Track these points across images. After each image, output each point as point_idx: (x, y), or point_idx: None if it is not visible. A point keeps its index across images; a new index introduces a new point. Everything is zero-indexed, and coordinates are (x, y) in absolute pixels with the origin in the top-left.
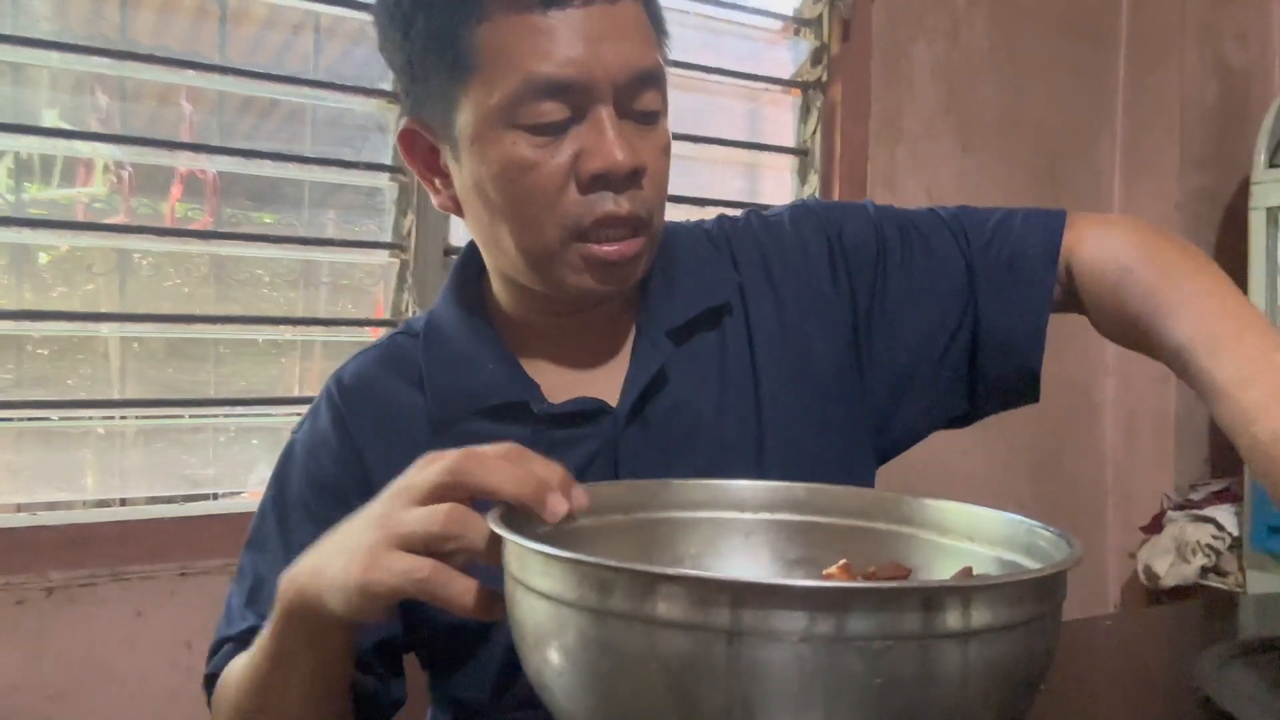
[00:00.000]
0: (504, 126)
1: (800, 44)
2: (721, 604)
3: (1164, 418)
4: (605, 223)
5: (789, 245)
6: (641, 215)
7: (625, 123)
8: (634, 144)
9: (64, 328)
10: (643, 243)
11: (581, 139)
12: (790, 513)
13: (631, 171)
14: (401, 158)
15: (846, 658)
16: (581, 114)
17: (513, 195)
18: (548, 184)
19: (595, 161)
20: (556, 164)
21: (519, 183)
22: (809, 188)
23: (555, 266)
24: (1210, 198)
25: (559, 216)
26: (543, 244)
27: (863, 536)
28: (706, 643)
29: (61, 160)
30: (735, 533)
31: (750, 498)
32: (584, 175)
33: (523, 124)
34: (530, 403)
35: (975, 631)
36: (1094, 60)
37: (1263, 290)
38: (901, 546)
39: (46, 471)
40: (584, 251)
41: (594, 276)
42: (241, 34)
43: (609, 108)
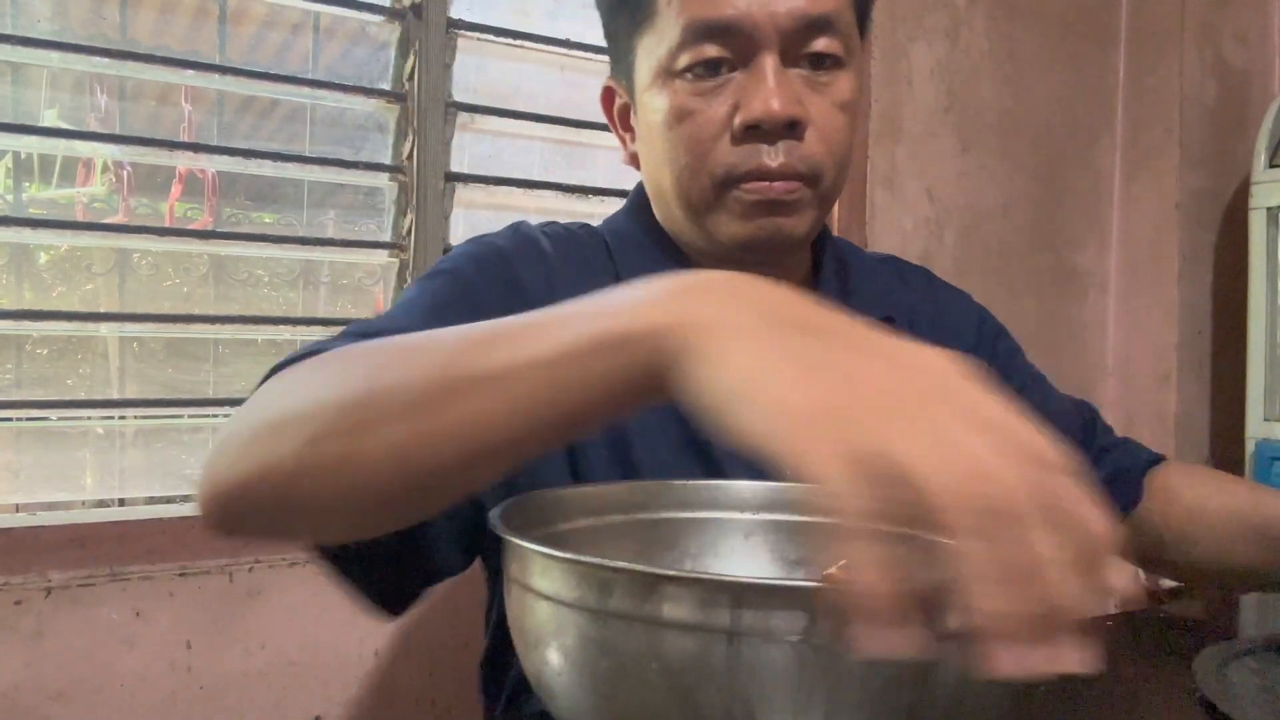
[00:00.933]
0: (670, 74)
1: None
2: (721, 605)
3: (1164, 418)
4: (756, 175)
5: (959, 310)
6: (800, 170)
7: (795, 72)
8: (801, 95)
9: (63, 327)
10: (803, 190)
11: (741, 87)
12: (790, 513)
13: (789, 123)
14: (603, 114)
15: (847, 658)
16: (745, 61)
17: (674, 142)
18: (703, 132)
19: (747, 111)
20: (714, 112)
21: (677, 130)
22: None
23: (712, 216)
24: (1210, 198)
25: (712, 166)
26: (698, 193)
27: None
28: (706, 643)
29: (61, 160)
30: (736, 533)
31: (750, 498)
32: (737, 125)
33: (686, 71)
34: None
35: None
36: (1094, 60)
37: (1263, 290)
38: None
39: (46, 471)
40: (738, 194)
41: (747, 219)
42: (241, 34)
43: (773, 55)
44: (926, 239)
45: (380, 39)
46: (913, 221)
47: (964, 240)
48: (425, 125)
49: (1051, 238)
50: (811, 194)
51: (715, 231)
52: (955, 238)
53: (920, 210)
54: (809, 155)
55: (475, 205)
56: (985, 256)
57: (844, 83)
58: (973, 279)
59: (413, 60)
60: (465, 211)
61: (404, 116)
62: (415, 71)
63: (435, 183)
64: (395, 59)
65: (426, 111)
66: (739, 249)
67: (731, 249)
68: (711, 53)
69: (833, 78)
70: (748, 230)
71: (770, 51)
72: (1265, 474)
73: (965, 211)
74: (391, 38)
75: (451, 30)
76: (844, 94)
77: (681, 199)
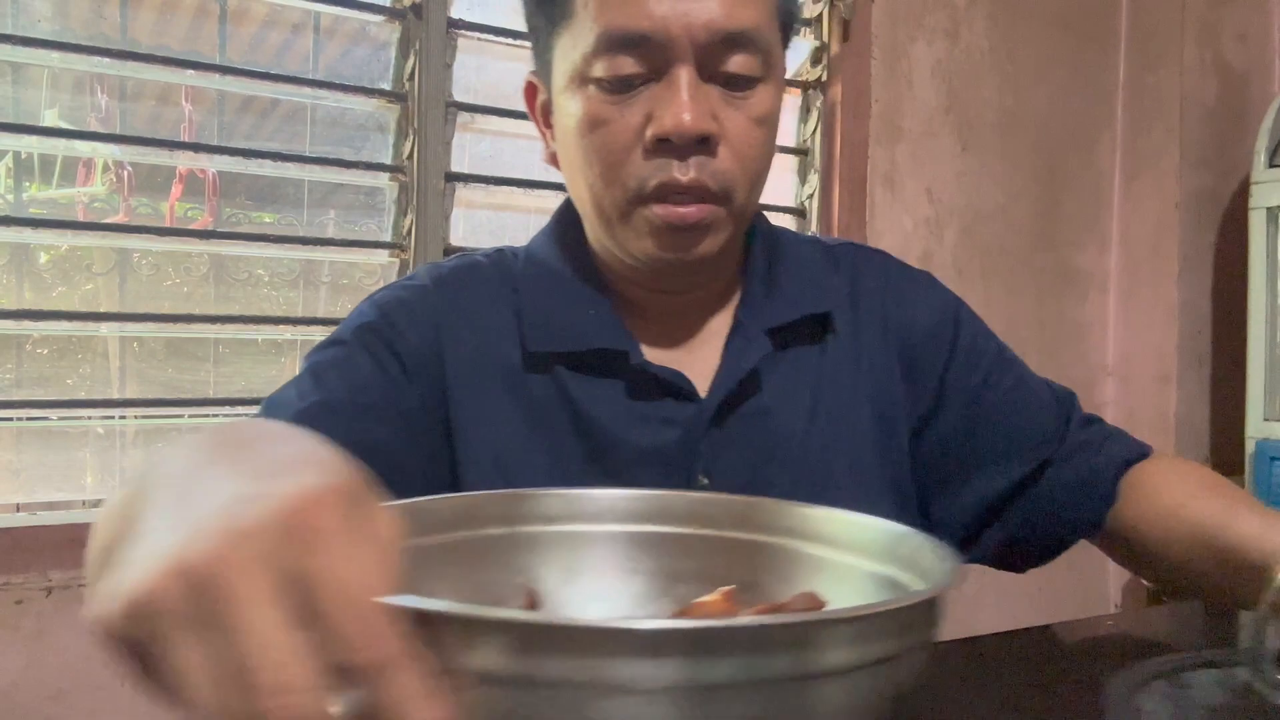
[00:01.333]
0: (584, 80)
1: (800, 43)
2: (541, 650)
3: (1164, 418)
4: (667, 189)
5: (917, 298)
6: (710, 186)
7: (711, 86)
8: (716, 109)
9: (64, 327)
10: (713, 212)
11: (654, 99)
12: (657, 524)
13: (701, 137)
14: (526, 108)
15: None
16: (659, 72)
17: (586, 151)
18: (615, 143)
19: (659, 124)
20: (627, 123)
21: (591, 139)
22: (809, 187)
23: (622, 229)
24: (1210, 198)
25: (624, 178)
26: (610, 204)
27: (737, 550)
28: (532, 697)
29: (61, 160)
30: (594, 548)
31: (610, 508)
32: (649, 137)
33: (600, 78)
34: (629, 353)
35: (845, 669)
36: (1094, 60)
37: (1263, 290)
38: (780, 561)
39: (46, 471)
40: (648, 214)
41: (655, 242)
42: (241, 34)
43: (689, 68)
44: (926, 239)
45: (380, 39)
46: (913, 221)
47: (964, 240)
48: (425, 125)
49: (1051, 238)
50: (724, 214)
51: (626, 245)
52: (955, 238)
53: (920, 210)
54: (721, 171)
55: (475, 205)
56: (985, 256)
57: (761, 97)
58: (973, 279)
59: (413, 60)
60: (465, 211)
61: (404, 116)
62: (415, 71)
63: (435, 183)
64: (395, 59)
65: (426, 111)
66: (649, 268)
67: (642, 264)
68: (626, 67)
69: (750, 93)
70: (657, 251)
71: (685, 64)
72: (1265, 473)
73: (965, 211)
74: (391, 38)
75: (451, 30)
76: (761, 109)
77: (595, 207)
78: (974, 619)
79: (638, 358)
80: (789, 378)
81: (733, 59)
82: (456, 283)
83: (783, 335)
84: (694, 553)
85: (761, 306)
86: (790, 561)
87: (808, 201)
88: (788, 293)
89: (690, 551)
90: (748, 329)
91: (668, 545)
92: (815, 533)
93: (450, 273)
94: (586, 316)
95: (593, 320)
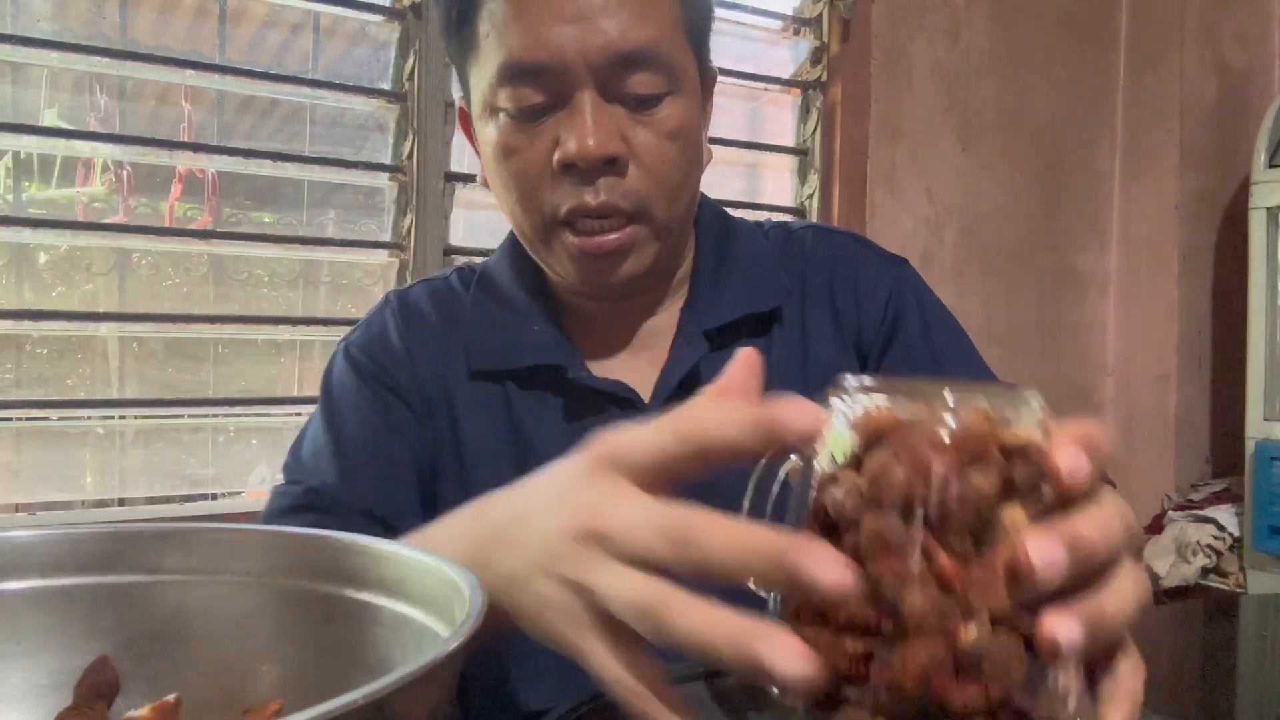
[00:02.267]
0: (494, 109)
1: (800, 44)
2: None
3: (1164, 418)
4: (577, 213)
5: (863, 289)
6: (623, 207)
7: (616, 106)
8: (623, 130)
9: (63, 327)
10: (632, 234)
11: (559, 125)
12: (92, 574)
13: (606, 160)
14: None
15: None
16: (563, 98)
17: (503, 178)
18: (527, 170)
19: (563, 150)
20: (536, 151)
21: (505, 166)
22: (809, 187)
23: (546, 253)
24: (1210, 198)
25: (539, 204)
26: (531, 229)
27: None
28: None
29: (61, 160)
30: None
31: (28, 555)
32: (555, 163)
33: (506, 108)
34: (568, 369)
35: None
36: (1094, 60)
37: (1263, 290)
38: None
39: (46, 471)
40: (565, 242)
41: (577, 268)
42: (241, 34)
43: (591, 92)
44: (926, 239)
45: (380, 39)
46: (913, 221)
47: (964, 240)
48: (425, 125)
49: (1051, 238)
50: (646, 231)
51: (554, 268)
52: (955, 238)
53: (920, 210)
54: (633, 191)
55: (475, 205)
56: (985, 256)
57: (670, 111)
58: (973, 279)
59: (413, 60)
60: (465, 211)
61: (404, 116)
62: (415, 71)
63: (435, 183)
64: (395, 59)
65: (426, 111)
66: (579, 290)
67: (573, 287)
68: (529, 97)
69: (656, 109)
70: (581, 276)
71: (586, 89)
72: (1265, 473)
73: (965, 211)
74: (391, 38)
75: None
76: (671, 123)
77: (519, 231)
78: None
79: (577, 371)
80: None
81: (634, 78)
82: (416, 308)
83: (722, 335)
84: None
85: (704, 308)
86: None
87: (808, 201)
88: (730, 293)
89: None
90: (687, 331)
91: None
92: (352, 573)
93: (412, 299)
94: (529, 333)
95: (534, 336)
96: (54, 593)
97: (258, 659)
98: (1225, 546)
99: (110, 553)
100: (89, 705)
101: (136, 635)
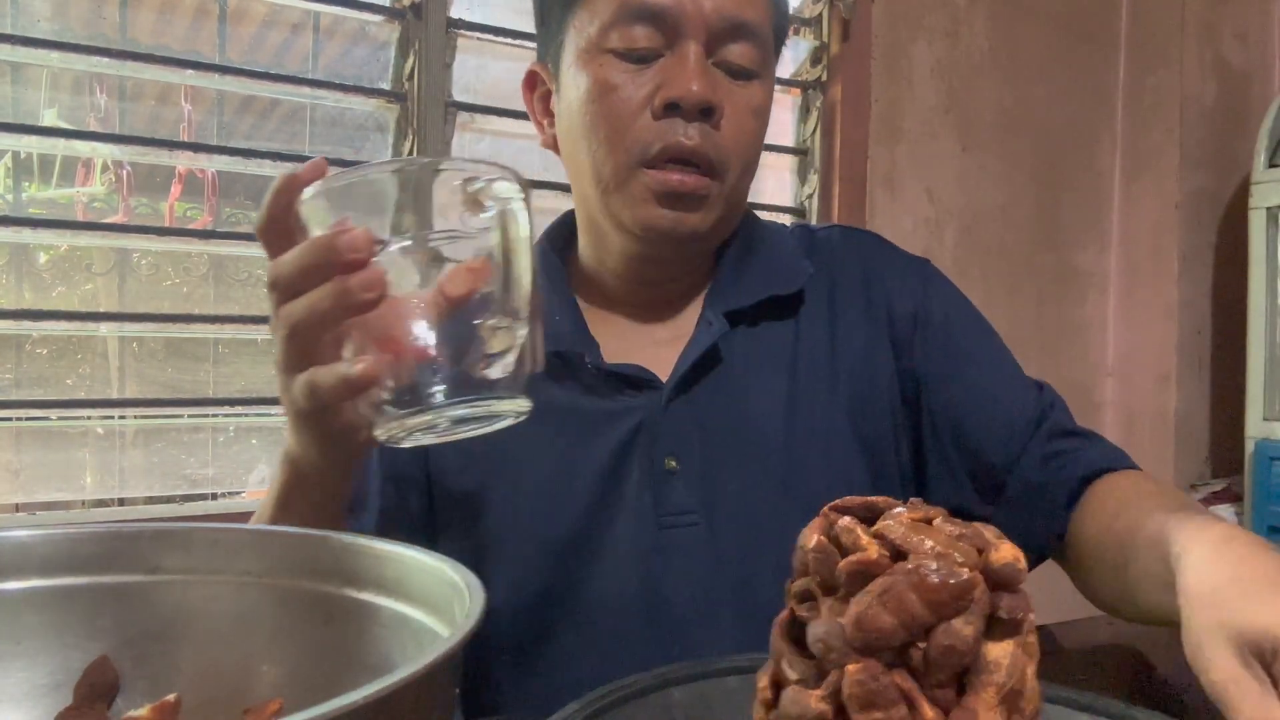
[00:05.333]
0: (599, 51)
1: (800, 43)
2: None
3: (1164, 418)
4: (671, 151)
5: (893, 284)
6: (712, 156)
7: (717, 69)
8: (719, 88)
9: (63, 327)
10: (710, 184)
11: (666, 70)
12: (75, 575)
13: (706, 106)
14: (522, 99)
15: None
16: (671, 46)
17: (595, 116)
18: (625, 108)
19: (669, 88)
20: (639, 89)
21: (601, 103)
22: (809, 187)
23: (619, 197)
24: (1210, 198)
25: (630, 142)
26: (613, 168)
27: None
28: None
29: (61, 160)
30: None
31: (25, 556)
32: (658, 102)
33: (615, 48)
34: (585, 355)
35: None
36: (1094, 60)
37: (1262, 290)
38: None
39: (46, 471)
40: (649, 178)
41: (653, 205)
42: (241, 34)
43: (698, 45)
44: (926, 239)
45: (380, 39)
46: (913, 221)
47: (964, 240)
48: (425, 125)
49: (1051, 238)
50: (719, 191)
51: (620, 213)
52: (955, 238)
53: (920, 210)
54: (722, 145)
55: None
56: (985, 256)
57: (756, 91)
58: (973, 279)
59: (413, 60)
60: None
61: (404, 116)
62: (415, 71)
63: None
64: (395, 59)
65: (426, 111)
66: (640, 235)
67: (632, 234)
68: (641, 38)
69: (747, 84)
70: (651, 217)
71: (695, 41)
72: (1265, 473)
73: (965, 211)
74: (391, 38)
75: (451, 30)
76: (756, 100)
77: (595, 175)
78: None
79: (594, 359)
80: (759, 360)
81: (735, 47)
82: None
83: (745, 316)
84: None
85: (727, 291)
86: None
87: (807, 201)
88: (752, 278)
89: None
90: (710, 312)
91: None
92: (351, 572)
93: None
94: (550, 323)
95: (557, 324)
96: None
97: (258, 659)
98: None
99: (110, 552)
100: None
101: (136, 635)
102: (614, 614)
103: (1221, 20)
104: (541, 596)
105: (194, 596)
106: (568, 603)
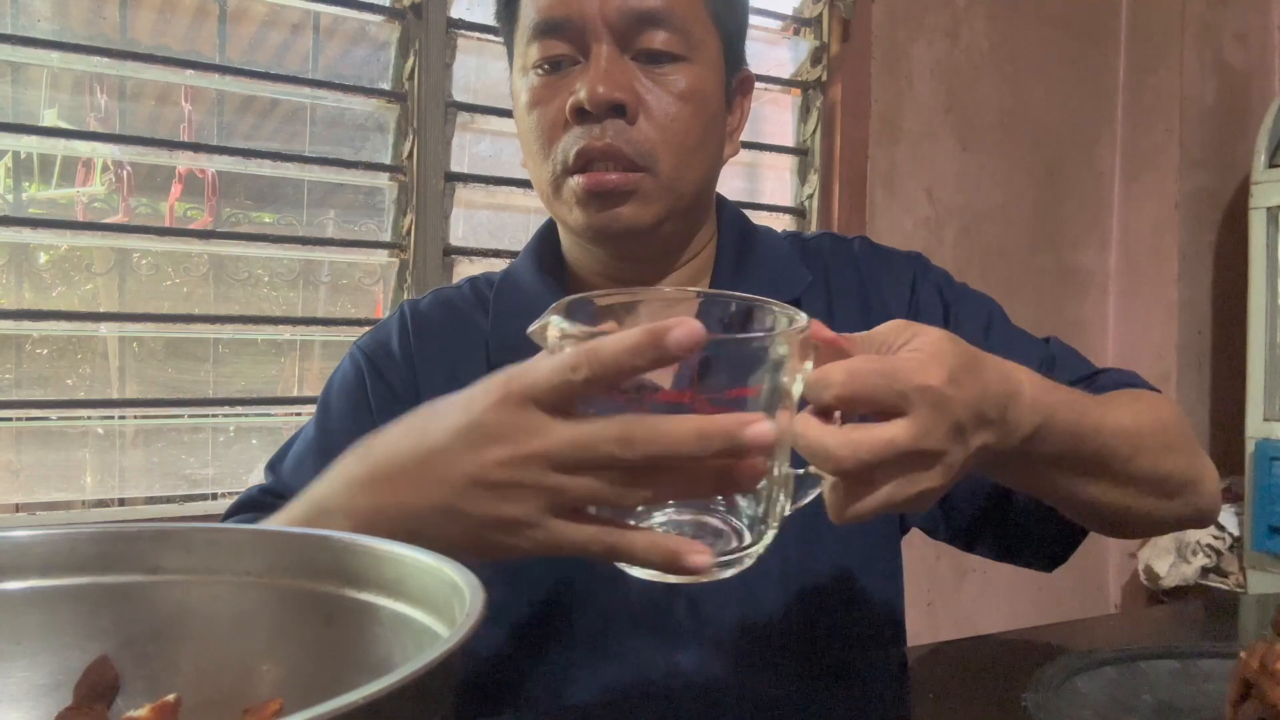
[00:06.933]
0: (527, 67)
1: (800, 43)
2: None
3: None
4: (585, 155)
5: (887, 281)
6: (627, 151)
7: (632, 62)
8: (635, 83)
9: (63, 327)
10: (636, 180)
11: (578, 77)
12: (76, 575)
13: (614, 105)
14: None
15: None
16: (584, 52)
17: (527, 129)
18: (547, 119)
19: (575, 94)
20: (556, 101)
21: (530, 118)
22: (809, 187)
23: (557, 204)
24: (1210, 198)
25: (554, 151)
26: (546, 179)
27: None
28: None
29: (61, 160)
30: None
31: (28, 556)
32: (567, 108)
33: (537, 61)
34: None
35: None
36: (1094, 60)
37: (1263, 290)
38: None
39: (46, 471)
40: (574, 183)
41: (582, 209)
42: (241, 34)
43: (608, 46)
44: (926, 239)
45: (380, 39)
46: (913, 221)
47: (964, 240)
48: (425, 125)
49: (1051, 238)
50: (652, 183)
51: (564, 220)
52: (955, 238)
53: (920, 210)
54: (639, 140)
55: (475, 205)
56: (985, 256)
57: (684, 74)
58: (973, 279)
59: (413, 60)
60: (465, 211)
61: (404, 116)
62: (415, 71)
63: (435, 183)
64: (395, 59)
65: (426, 111)
66: (587, 239)
67: (581, 236)
68: (554, 49)
69: (671, 69)
70: (586, 219)
71: (603, 43)
72: (1265, 473)
73: (965, 211)
74: (391, 38)
75: (451, 30)
76: (682, 85)
77: (538, 186)
78: (974, 619)
79: None
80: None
81: (649, 35)
82: (423, 317)
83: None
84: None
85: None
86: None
87: (808, 201)
88: (750, 285)
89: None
90: (707, 320)
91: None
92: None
93: (421, 309)
94: None
95: None
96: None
97: (258, 659)
98: (1225, 546)
99: (110, 552)
100: (89, 705)
101: (136, 635)
102: (614, 619)
103: (1221, 20)
104: (541, 598)
105: (194, 596)
106: (567, 606)
